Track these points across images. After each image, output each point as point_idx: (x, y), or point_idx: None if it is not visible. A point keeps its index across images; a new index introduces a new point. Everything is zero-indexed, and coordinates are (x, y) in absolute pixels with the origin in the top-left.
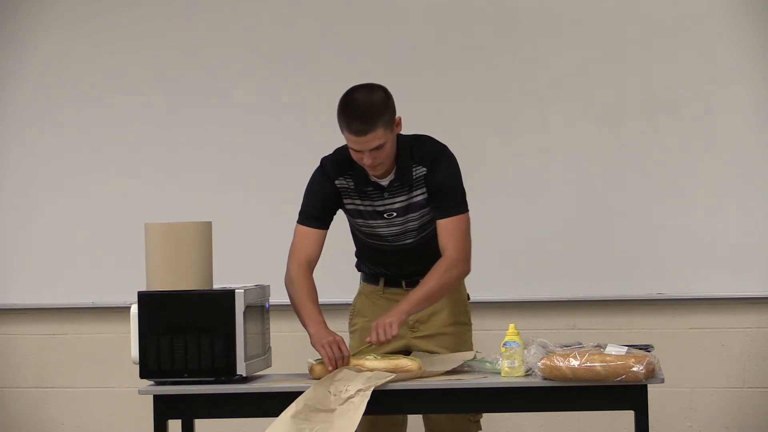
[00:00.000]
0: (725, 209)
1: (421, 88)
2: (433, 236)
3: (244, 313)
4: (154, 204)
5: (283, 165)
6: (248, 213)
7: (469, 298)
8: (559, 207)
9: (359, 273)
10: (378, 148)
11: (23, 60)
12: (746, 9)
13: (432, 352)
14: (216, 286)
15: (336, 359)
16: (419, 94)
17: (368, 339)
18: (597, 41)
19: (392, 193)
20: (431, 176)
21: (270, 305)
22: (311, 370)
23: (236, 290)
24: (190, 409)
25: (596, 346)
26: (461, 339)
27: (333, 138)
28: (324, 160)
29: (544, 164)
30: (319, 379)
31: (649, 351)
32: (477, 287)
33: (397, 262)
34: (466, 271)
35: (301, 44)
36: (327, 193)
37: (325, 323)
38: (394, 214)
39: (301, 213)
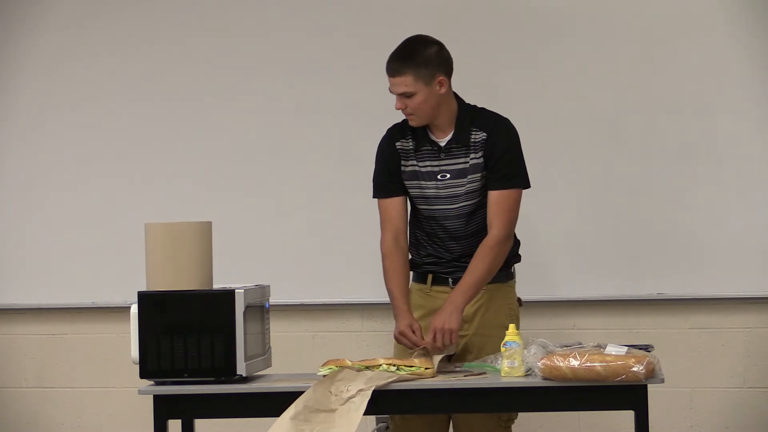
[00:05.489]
0: (725, 209)
1: None
2: (482, 208)
3: (244, 313)
4: (154, 204)
5: (283, 165)
6: (248, 213)
7: (521, 303)
8: (558, 207)
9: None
10: (407, 95)
11: (23, 60)
12: (746, 9)
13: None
14: (216, 286)
15: (412, 344)
16: None
17: (427, 341)
18: (597, 41)
19: (448, 155)
20: (491, 141)
21: (270, 305)
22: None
23: (236, 290)
24: (190, 409)
25: (596, 346)
26: (502, 342)
27: (333, 138)
28: (392, 126)
29: (543, 164)
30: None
31: (649, 351)
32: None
33: (446, 237)
34: (510, 246)
35: (301, 44)
36: (391, 157)
37: (406, 308)
38: (448, 176)
39: (374, 186)
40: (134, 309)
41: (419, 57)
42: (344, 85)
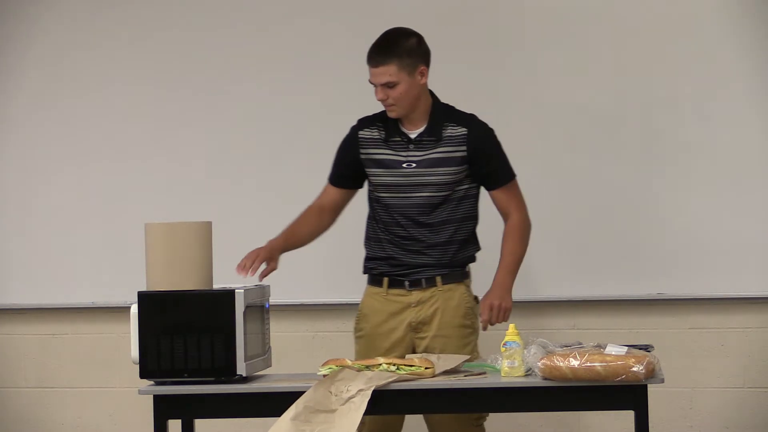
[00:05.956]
0: (725, 209)
1: None
2: (449, 202)
3: (244, 313)
4: (154, 204)
5: (283, 165)
6: (248, 213)
7: (477, 301)
8: (558, 207)
9: (366, 275)
10: (390, 85)
11: (22, 58)
12: (746, 9)
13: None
14: (216, 286)
15: (244, 265)
16: None
17: (483, 318)
18: (597, 41)
19: (418, 146)
20: (472, 137)
21: (270, 305)
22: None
23: (236, 290)
24: (190, 409)
25: (596, 346)
26: (462, 342)
27: (333, 138)
28: (363, 116)
29: (543, 164)
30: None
31: (649, 351)
32: (477, 288)
33: (404, 232)
34: (530, 228)
35: (302, 44)
36: (350, 147)
37: (277, 241)
38: (414, 165)
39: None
40: (134, 309)
41: (402, 47)
42: (344, 85)
